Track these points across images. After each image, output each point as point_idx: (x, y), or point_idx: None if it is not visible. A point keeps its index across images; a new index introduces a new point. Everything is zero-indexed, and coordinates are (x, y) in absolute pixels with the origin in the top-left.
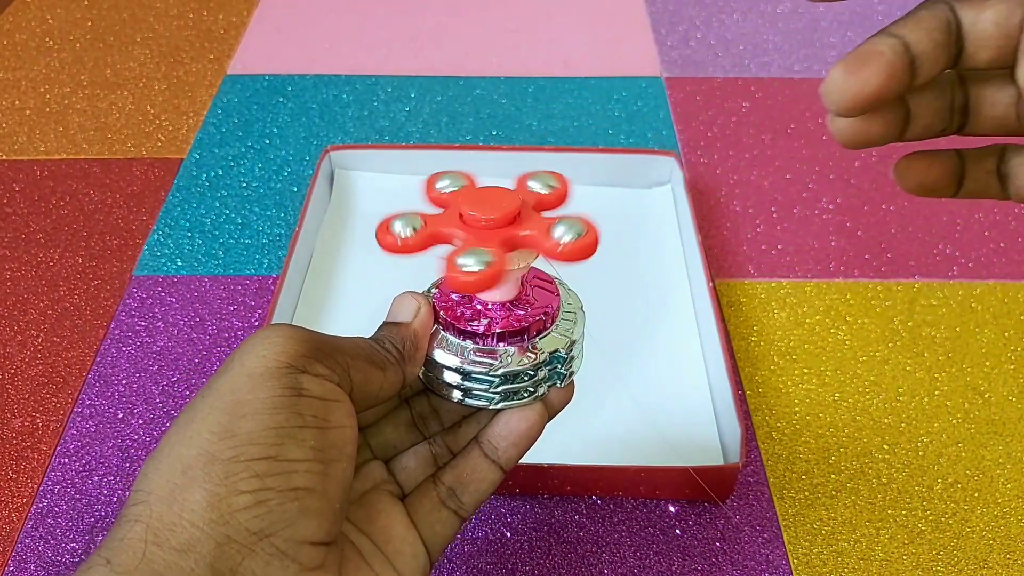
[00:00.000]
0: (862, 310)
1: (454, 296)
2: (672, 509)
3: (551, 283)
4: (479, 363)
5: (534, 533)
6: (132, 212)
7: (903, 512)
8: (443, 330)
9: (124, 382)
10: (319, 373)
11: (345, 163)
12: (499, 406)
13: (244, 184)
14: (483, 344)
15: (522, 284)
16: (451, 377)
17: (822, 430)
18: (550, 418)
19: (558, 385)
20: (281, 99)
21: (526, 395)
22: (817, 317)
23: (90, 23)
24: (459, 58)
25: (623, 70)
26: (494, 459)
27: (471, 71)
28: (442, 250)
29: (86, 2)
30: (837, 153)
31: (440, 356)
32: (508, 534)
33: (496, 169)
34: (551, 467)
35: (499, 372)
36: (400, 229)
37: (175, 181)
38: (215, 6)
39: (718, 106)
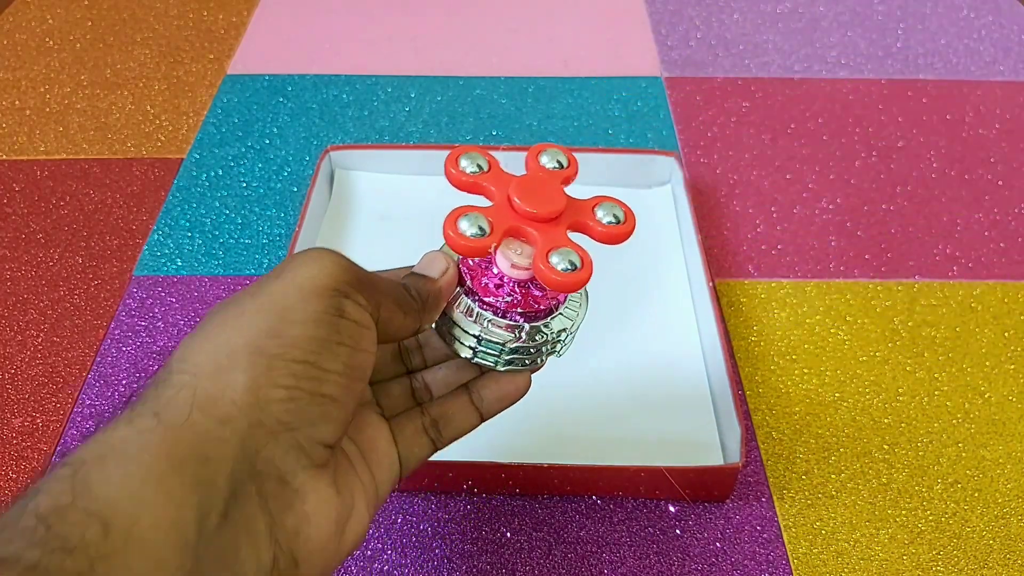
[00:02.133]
0: (862, 310)
1: (471, 261)
2: (672, 509)
3: None
4: (496, 334)
5: (534, 533)
6: (132, 212)
7: (903, 512)
8: (465, 295)
9: (124, 382)
10: (359, 302)
11: (345, 163)
12: (502, 369)
13: (244, 184)
14: (502, 318)
15: None
16: (467, 339)
17: (822, 430)
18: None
19: (556, 356)
20: (281, 99)
21: (527, 363)
22: (817, 317)
23: (90, 23)
24: (459, 58)
25: (623, 70)
26: (478, 407)
27: (471, 71)
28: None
29: (86, 2)
30: (837, 153)
31: (460, 319)
32: (508, 534)
33: None
34: (551, 467)
35: (513, 346)
36: (467, 228)
37: (175, 181)
38: (215, 6)
39: (718, 106)
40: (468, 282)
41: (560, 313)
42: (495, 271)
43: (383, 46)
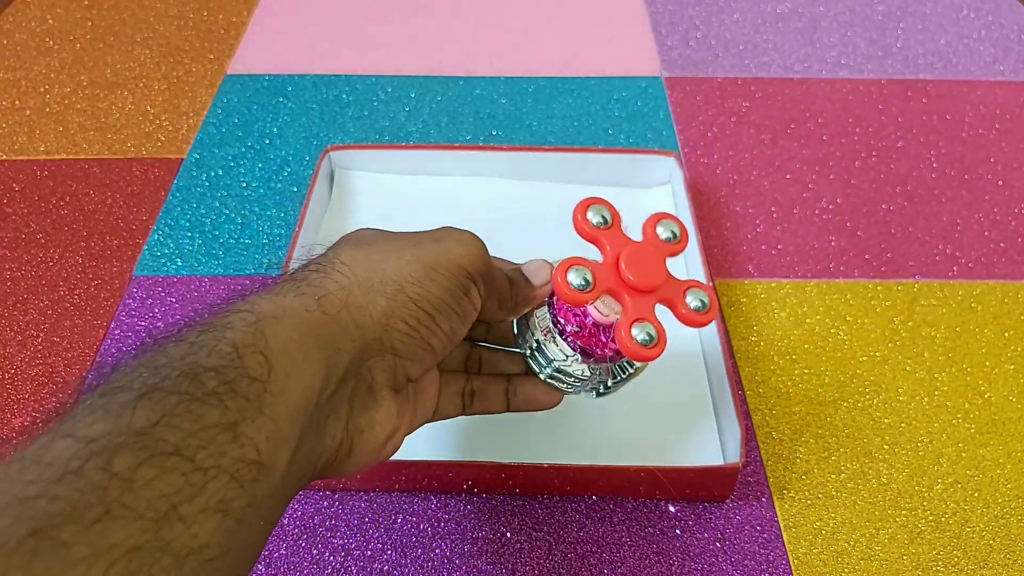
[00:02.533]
0: (862, 310)
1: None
2: (672, 509)
3: None
4: (552, 349)
5: (534, 533)
6: (132, 212)
7: (903, 512)
8: (548, 305)
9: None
10: (479, 289)
11: (345, 163)
12: (543, 379)
13: (244, 184)
14: (563, 340)
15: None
16: (530, 340)
17: (822, 430)
18: None
19: (593, 396)
20: (281, 99)
21: (566, 387)
22: (817, 317)
23: (90, 23)
24: (459, 58)
25: (623, 70)
26: (510, 399)
27: (471, 71)
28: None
29: (86, 2)
30: (837, 153)
31: (533, 322)
32: (508, 534)
33: (496, 169)
34: (551, 467)
35: (559, 367)
36: (573, 279)
37: (175, 181)
38: (215, 6)
39: (718, 106)
40: (555, 298)
41: (615, 365)
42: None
43: (383, 46)
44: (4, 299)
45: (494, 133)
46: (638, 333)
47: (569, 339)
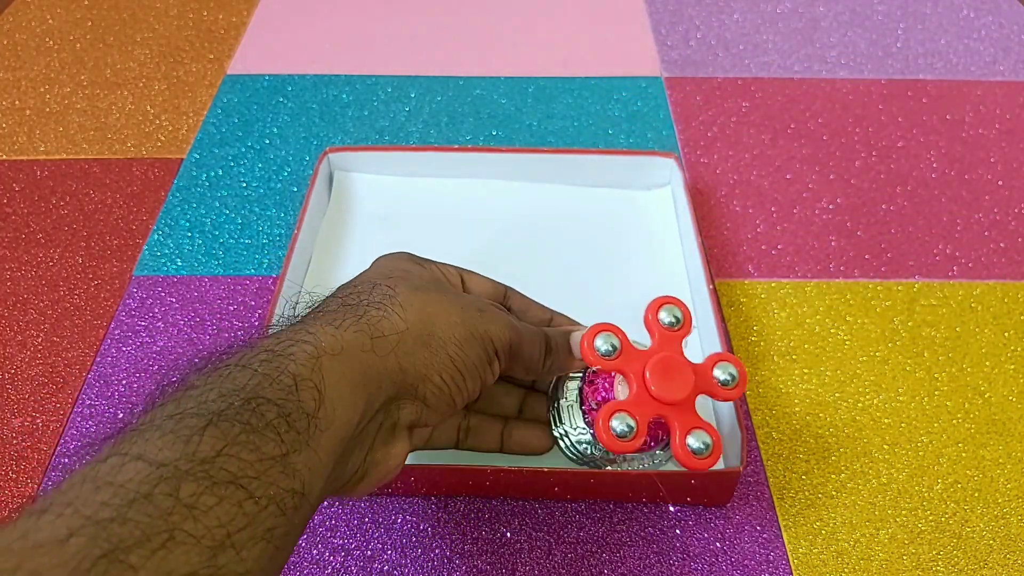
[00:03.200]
0: (862, 310)
1: (592, 374)
2: (672, 509)
3: None
4: (569, 413)
5: (534, 533)
6: (132, 212)
7: (903, 512)
8: (583, 377)
9: (124, 382)
10: (502, 363)
11: (344, 165)
12: (554, 433)
13: (244, 184)
14: (583, 412)
15: None
16: (557, 397)
17: (822, 430)
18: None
19: (590, 466)
20: (281, 99)
21: (569, 452)
22: (817, 317)
23: (90, 23)
24: (459, 58)
25: (623, 70)
26: (504, 441)
27: (471, 71)
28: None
29: (86, 2)
30: (837, 153)
31: (566, 384)
32: (508, 534)
33: (496, 171)
34: (552, 472)
35: (576, 438)
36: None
37: (175, 181)
38: (215, 6)
39: (718, 106)
40: (590, 375)
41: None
42: (613, 392)
43: (383, 46)
44: (4, 299)
45: (494, 133)
46: (694, 441)
47: (590, 419)
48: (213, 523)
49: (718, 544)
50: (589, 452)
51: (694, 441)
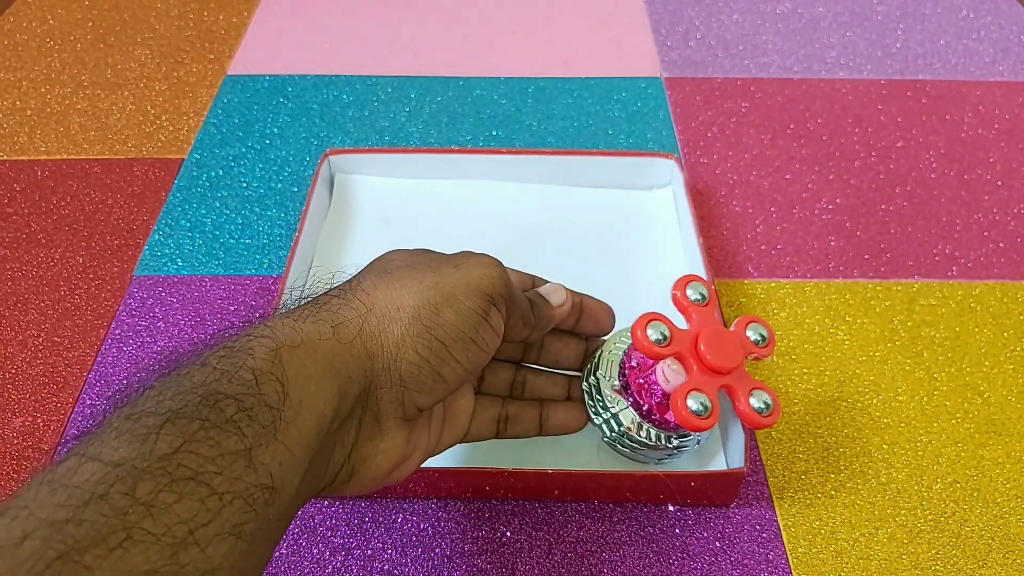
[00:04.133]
0: (861, 310)
1: (634, 361)
2: (671, 509)
3: None
4: (641, 436)
5: (533, 533)
6: (133, 212)
7: (902, 512)
8: (625, 395)
9: (125, 382)
10: (500, 311)
11: (344, 167)
12: (591, 415)
13: (244, 184)
14: (623, 390)
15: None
16: (598, 375)
17: (822, 430)
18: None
19: (622, 452)
20: (281, 99)
21: (604, 429)
22: (816, 317)
23: (91, 23)
24: (459, 58)
25: (623, 70)
26: (543, 423)
27: (471, 71)
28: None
29: (87, 2)
30: (837, 153)
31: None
32: (508, 534)
33: (496, 173)
34: (555, 473)
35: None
36: (652, 333)
37: (176, 181)
38: (215, 6)
39: (718, 106)
40: (633, 360)
41: (670, 435)
42: (656, 379)
43: (383, 46)
44: (4, 299)
45: (494, 133)
46: (692, 403)
47: (630, 396)
48: (173, 520)
49: (718, 544)
50: (637, 436)
51: (756, 401)
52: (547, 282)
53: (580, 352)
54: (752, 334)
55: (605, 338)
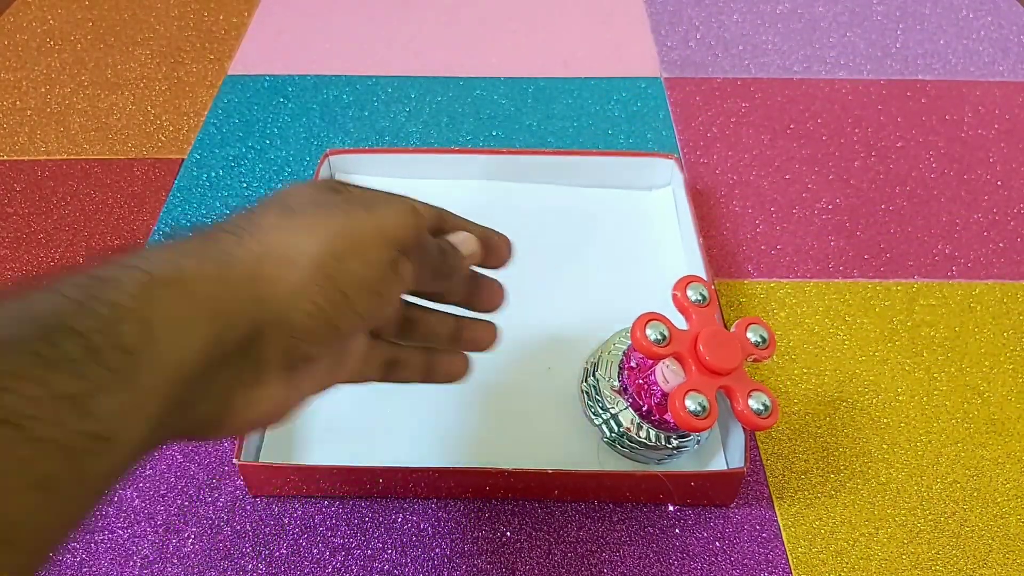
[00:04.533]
0: (861, 310)
1: (634, 362)
2: (671, 509)
3: None
4: (640, 436)
5: (533, 533)
6: (133, 212)
7: (902, 512)
8: (625, 396)
9: None
10: (412, 263)
11: (344, 167)
12: (587, 402)
13: (245, 184)
14: (622, 389)
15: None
16: (601, 366)
17: (822, 430)
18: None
19: (612, 446)
20: (281, 100)
21: (594, 414)
22: (816, 317)
23: (91, 24)
24: (459, 58)
25: (623, 70)
26: (428, 370)
27: (471, 71)
28: None
29: (87, 3)
30: (836, 153)
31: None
32: (508, 534)
33: (496, 173)
34: (556, 473)
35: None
36: (691, 405)
37: (176, 181)
38: (216, 7)
39: (718, 106)
40: (632, 361)
41: (670, 435)
42: (655, 380)
43: (383, 46)
44: None
45: (494, 134)
46: (690, 403)
47: (629, 393)
48: None
49: (718, 543)
50: (636, 436)
51: (754, 403)
52: (458, 218)
53: (466, 285)
54: (752, 336)
55: (605, 339)
